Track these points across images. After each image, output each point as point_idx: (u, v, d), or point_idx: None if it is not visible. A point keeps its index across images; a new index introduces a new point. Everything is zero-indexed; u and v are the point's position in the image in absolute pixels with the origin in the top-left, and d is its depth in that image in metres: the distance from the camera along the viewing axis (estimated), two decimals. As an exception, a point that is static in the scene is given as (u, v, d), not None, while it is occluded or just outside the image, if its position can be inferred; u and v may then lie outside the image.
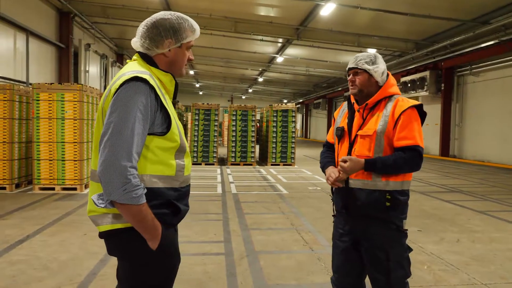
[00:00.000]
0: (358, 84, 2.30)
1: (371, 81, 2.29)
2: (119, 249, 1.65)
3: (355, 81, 2.31)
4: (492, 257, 4.38)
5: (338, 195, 2.38)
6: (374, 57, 2.30)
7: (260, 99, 45.08)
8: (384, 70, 2.31)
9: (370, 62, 2.28)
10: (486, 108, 16.25)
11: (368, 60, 2.28)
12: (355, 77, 2.31)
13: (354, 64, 2.31)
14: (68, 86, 7.74)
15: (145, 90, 1.53)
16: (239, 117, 13.67)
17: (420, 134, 2.19)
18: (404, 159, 2.14)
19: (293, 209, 6.66)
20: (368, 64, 2.27)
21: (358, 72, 2.30)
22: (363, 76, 2.29)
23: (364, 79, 2.29)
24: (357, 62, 2.30)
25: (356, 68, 2.30)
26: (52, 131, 7.67)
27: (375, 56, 2.31)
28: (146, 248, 1.58)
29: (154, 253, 1.60)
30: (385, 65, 2.33)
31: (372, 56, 2.30)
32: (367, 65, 2.27)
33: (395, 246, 2.23)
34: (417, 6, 13.14)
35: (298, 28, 16.37)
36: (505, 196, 8.29)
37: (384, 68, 2.31)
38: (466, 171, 12.96)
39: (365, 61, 2.28)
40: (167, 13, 1.71)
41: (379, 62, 2.30)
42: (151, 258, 1.61)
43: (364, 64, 2.28)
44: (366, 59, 2.28)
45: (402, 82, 19.91)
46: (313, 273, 3.83)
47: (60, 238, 4.78)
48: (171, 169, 1.62)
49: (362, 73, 2.29)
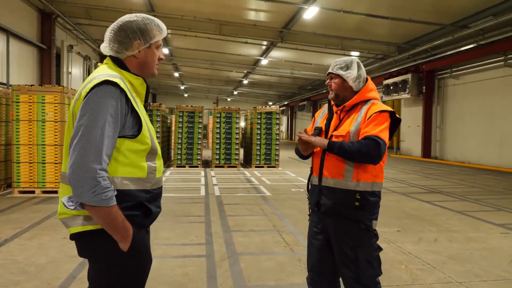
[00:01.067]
0: (334, 88, 2.39)
1: (345, 85, 2.37)
2: (90, 251, 1.65)
3: (331, 85, 2.40)
4: (468, 256, 4.49)
5: (312, 193, 2.45)
6: (350, 62, 2.36)
7: (246, 101, 45.15)
8: (359, 75, 2.36)
9: (345, 68, 2.35)
10: (466, 110, 16.59)
11: (343, 65, 2.36)
12: (331, 81, 2.40)
13: (330, 68, 2.40)
14: (49, 88, 7.65)
15: (115, 94, 1.55)
16: (223, 119, 13.68)
17: (385, 131, 2.23)
18: (361, 144, 2.17)
19: (276, 211, 6.70)
20: (342, 70, 2.35)
21: (333, 77, 2.40)
22: (338, 80, 2.38)
23: (338, 84, 2.37)
24: (332, 67, 2.39)
25: (331, 72, 2.40)
26: (32, 134, 7.56)
27: (352, 61, 2.37)
28: (116, 249, 1.59)
29: (125, 254, 1.61)
30: (362, 70, 2.39)
31: (348, 61, 2.37)
32: (341, 71, 2.35)
33: (364, 245, 2.29)
34: (399, 10, 13.36)
35: (282, 31, 16.47)
36: (483, 196, 8.48)
37: (357, 74, 2.36)
38: (447, 172, 13.19)
39: (339, 66, 2.36)
40: (132, 15, 1.73)
41: (353, 68, 2.35)
42: (121, 259, 1.62)
43: (338, 69, 2.36)
44: (341, 64, 2.37)
45: (384, 85, 20.20)
46: (293, 274, 3.87)
47: (39, 242, 4.72)
48: (142, 171, 1.64)
49: (336, 77, 2.38)
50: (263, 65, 24.22)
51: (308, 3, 12.77)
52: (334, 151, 2.23)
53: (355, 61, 2.39)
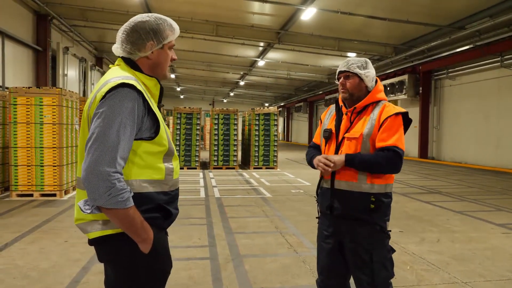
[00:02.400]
0: (349, 87, 2.34)
1: (361, 85, 2.34)
2: (110, 255, 1.63)
3: (346, 84, 2.35)
4: (471, 256, 4.49)
5: (323, 196, 2.41)
6: (365, 62, 2.34)
7: (242, 103, 45.11)
8: (374, 75, 2.36)
9: (362, 67, 2.32)
10: (462, 111, 16.66)
11: (360, 64, 2.33)
12: (346, 80, 2.35)
13: (346, 67, 2.34)
14: (46, 90, 7.59)
15: (132, 96, 1.52)
16: (221, 120, 13.65)
17: (401, 138, 2.23)
18: (382, 157, 2.17)
19: (277, 212, 6.68)
20: (360, 69, 2.32)
21: (349, 76, 2.34)
22: (354, 80, 2.33)
23: (354, 83, 2.33)
24: (349, 66, 2.33)
25: (348, 71, 2.34)
26: (30, 136, 7.50)
27: (366, 61, 2.35)
28: (138, 253, 1.57)
29: (146, 257, 1.59)
30: (374, 70, 2.38)
31: (363, 61, 2.35)
32: (359, 70, 2.32)
33: (379, 247, 2.27)
34: (396, 12, 13.40)
35: (279, 32, 16.46)
36: (482, 196, 8.51)
37: (374, 74, 2.36)
38: (445, 173, 13.23)
39: (357, 65, 2.32)
40: (144, 15, 1.70)
41: (370, 68, 2.35)
42: (143, 262, 1.59)
43: (356, 68, 2.32)
44: (358, 63, 2.33)
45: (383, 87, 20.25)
46: (298, 276, 3.85)
47: (39, 246, 4.67)
48: (160, 173, 1.62)
49: (354, 76, 2.33)
50: (259, 66, 24.20)
51: (306, 4, 12.77)
52: (355, 165, 2.21)
53: (369, 61, 2.37)
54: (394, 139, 2.19)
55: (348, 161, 2.22)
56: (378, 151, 2.22)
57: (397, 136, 2.20)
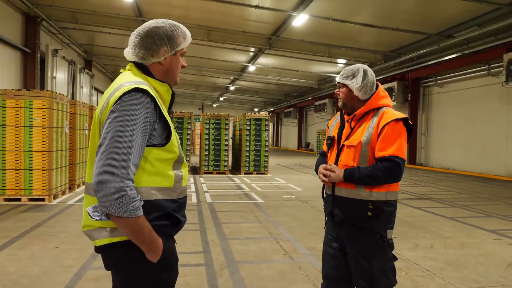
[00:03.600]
0: (341, 97, 2.40)
1: (351, 95, 2.36)
2: (117, 264, 1.59)
3: (339, 94, 2.41)
4: (465, 262, 4.52)
5: (326, 202, 2.44)
6: (356, 71, 2.34)
7: (232, 108, 45.08)
8: (364, 84, 2.32)
9: (350, 77, 2.34)
10: (450, 118, 16.89)
11: (349, 74, 2.35)
12: (339, 90, 2.41)
13: (339, 77, 2.41)
14: (36, 93, 7.47)
15: (145, 101, 1.49)
16: (212, 125, 13.61)
17: (401, 146, 2.20)
18: (380, 170, 2.15)
19: (270, 218, 6.66)
20: (347, 79, 2.35)
21: (340, 86, 2.41)
22: (344, 90, 2.38)
23: (345, 93, 2.38)
24: (340, 76, 2.40)
25: (339, 82, 2.41)
26: (19, 139, 7.36)
27: (358, 69, 2.34)
28: (145, 262, 1.53)
29: (154, 266, 1.55)
30: (369, 78, 2.33)
31: (355, 69, 2.34)
32: (346, 80, 2.35)
33: (379, 255, 2.26)
34: (386, 20, 13.55)
35: (270, 37, 16.52)
36: (472, 202, 8.60)
37: (362, 83, 2.31)
38: (433, 179, 13.37)
39: (346, 75, 2.36)
40: (159, 21, 1.68)
41: (358, 77, 2.32)
42: (150, 271, 1.56)
43: (344, 79, 2.37)
44: (348, 73, 2.36)
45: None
46: (294, 282, 3.83)
47: (30, 252, 4.57)
48: (169, 180, 1.59)
49: (343, 87, 2.39)
50: (250, 72, 24.24)
51: (298, 11, 12.84)
52: (354, 181, 2.21)
53: (361, 69, 2.33)
54: (394, 148, 2.17)
55: (346, 178, 2.23)
56: (377, 161, 2.20)
57: (397, 145, 2.18)
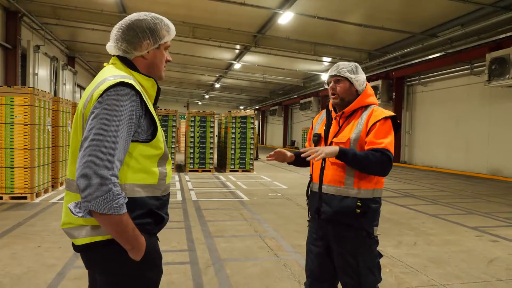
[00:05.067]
0: (339, 92, 2.34)
1: (351, 90, 2.34)
2: (99, 263, 1.56)
3: (336, 88, 2.34)
4: (447, 259, 4.59)
5: (312, 199, 2.41)
6: (355, 67, 2.35)
7: (217, 105, 44.92)
8: (364, 80, 2.36)
9: (352, 71, 2.33)
10: (433, 117, 17.13)
11: (350, 69, 2.33)
12: (336, 84, 2.34)
13: (336, 71, 2.34)
14: (18, 90, 7.32)
15: (130, 96, 1.46)
16: (197, 123, 13.54)
17: (391, 143, 2.23)
18: (374, 156, 2.14)
19: (255, 216, 6.66)
20: (350, 73, 2.32)
21: (339, 80, 2.34)
22: (344, 84, 2.33)
23: (345, 87, 2.33)
24: (339, 70, 2.33)
25: (338, 75, 2.33)
26: (0, 137, 7.20)
27: (356, 66, 2.37)
28: (128, 260, 1.51)
29: (137, 265, 1.53)
30: (364, 75, 2.38)
31: (353, 65, 2.36)
32: (350, 74, 2.32)
33: (365, 253, 2.28)
34: (370, 18, 13.65)
35: (256, 35, 16.49)
36: (454, 200, 8.74)
37: (364, 78, 2.36)
38: (417, 176, 13.55)
39: (347, 69, 2.33)
40: (141, 14, 1.66)
41: (360, 72, 2.36)
42: (133, 270, 1.54)
43: (346, 72, 2.32)
44: (348, 67, 2.33)
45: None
46: (280, 280, 3.83)
47: (11, 251, 4.48)
48: (153, 177, 1.57)
49: (344, 81, 2.33)
50: (235, 69, 24.17)
51: (283, 8, 12.84)
52: (347, 159, 2.16)
53: (359, 66, 2.38)
54: (385, 142, 2.18)
55: (341, 153, 2.15)
56: (370, 151, 2.19)
57: (388, 140, 2.20)
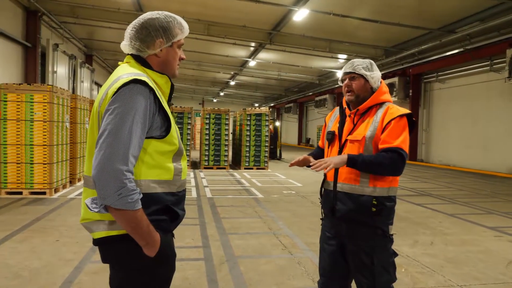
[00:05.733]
0: (355, 89, 2.32)
1: (366, 86, 2.32)
2: (114, 257, 1.59)
3: (351, 85, 2.33)
4: (465, 259, 4.52)
5: (326, 198, 2.39)
6: (370, 64, 2.34)
7: (232, 103, 45.02)
8: (379, 77, 2.35)
9: (367, 68, 2.31)
10: (451, 114, 16.85)
11: (365, 66, 2.32)
12: (352, 82, 2.33)
13: (351, 69, 2.33)
14: (37, 87, 7.46)
15: (144, 93, 1.49)
16: (212, 120, 13.60)
17: (405, 141, 2.21)
18: (385, 158, 2.13)
19: (270, 213, 6.66)
20: (365, 70, 2.31)
21: (355, 77, 2.33)
22: (359, 81, 2.32)
23: (360, 84, 2.32)
24: (354, 67, 2.32)
25: (353, 73, 2.32)
26: (20, 133, 7.37)
27: (371, 63, 2.35)
28: (142, 256, 1.53)
29: (151, 261, 1.55)
30: (379, 72, 2.37)
31: (368, 62, 2.34)
32: (365, 71, 2.31)
33: (381, 251, 2.26)
34: (387, 14, 13.49)
35: (271, 32, 16.46)
36: (472, 199, 8.60)
37: (379, 75, 2.35)
38: (434, 175, 13.36)
39: (362, 66, 2.31)
40: (154, 13, 1.68)
41: (375, 69, 2.34)
42: (147, 265, 1.56)
43: (362, 69, 2.31)
44: (363, 64, 2.32)
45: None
46: (293, 277, 3.83)
47: (30, 245, 4.58)
48: (168, 173, 1.59)
49: (359, 78, 2.32)
50: (250, 67, 24.19)
51: (299, 5, 12.79)
52: (357, 166, 2.17)
53: (373, 63, 2.37)
54: (399, 141, 2.16)
55: (350, 161, 2.16)
56: (381, 152, 2.18)
57: (402, 138, 2.18)
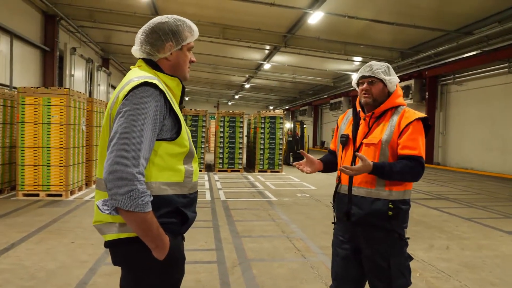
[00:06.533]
0: (374, 93, 2.31)
1: (384, 91, 2.32)
2: (124, 259, 1.61)
3: (370, 90, 2.31)
4: (482, 264, 4.43)
5: (340, 202, 2.37)
6: (387, 68, 2.33)
7: (247, 106, 45.11)
8: (397, 81, 2.34)
9: (386, 73, 2.30)
10: (468, 117, 16.57)
11: (384, 70, 2.31)
12: (370, 86, 2.31)
13: (371, 72, 2.30)
14: (54, 91, 7.60)
15: (155, 95, 1.50)
16: (227, 123, 13.64)
17: (423, 147, 2.22)
18: (409, 167, 2.15)
19: (283, 216, 6.64)
20: (384, 74, 2.30)
21: (373, 81, 2.31)
22: (378, 85, 2.31)
23: (379, 89, 2.31)
24: (373, 71, 2.30)
25: (373, 77, 2.30)
26: (38, 136, 7.51)
27: (388, 67, 2.34)
28: (152, 259, 1.54)
29: (160, 263, 1.56)
30: (396, 76, 2.37)
31: (385, 66, 2.33)
32: (384, 75, 2.29)
33: (397, 255, 2.24)
34: (402, 16, 13.36)
35: (285, 35, 16.46)
36: (490, 203, 8.43)
37: (397, 80, 2.33)
38: (451, 178, 13.15)
39: (381, 70, 2.30)
40: (163, 17, 1.70)
41: (393, 74, 2.33)
42: (156, 268, 1.57)
43: (381, 74, 2.29)
44: (381, 68, 2.30)
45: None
46: (306, 281, 3.81)
47: (46, 246, 4.66)
48: (179, 175, 1.60)
49: (378, 82, 2.31)
50: (265, 70, 24.20)
51: (313, 8, 12.76)
52: (384, 176, 2.17)
53: (390, 67, 2.36)
54: (419, 148, 2.19)
55: (376, 170, 2.14)
56: (402, 158, 2.18)
57: (420, 144, 2.20)
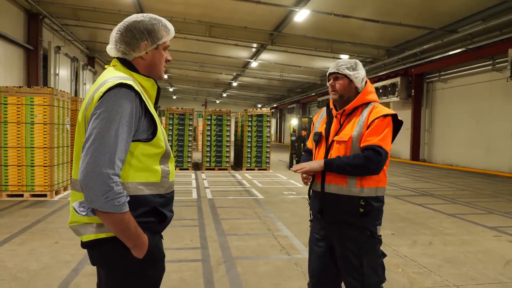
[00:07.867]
0: (338, 89, 2.33)
1: (350, 86, 2.33)
2: (103, 259, 1.60)
3: (335, 86, 2.34)
4: (464, 259, 4.51)
5: (314, 199, 2.40)
6: (354, 64, 2.35)
7: (235, 104, 45.09)
8: (364, 77, 2.35)
9: (351, 68, 2.32)
10: (453, 114, 16.79)
11: (349, 66, 2.33)
12: (336, 82, 2.34)
13: (335, 69, 2.34)
14: (38, 90, 7.50)
15: (130, 97, 1.50)
16: (214, 121, 13.61)
17: (385, 139, 2.19)
18: (361, 158, 2.14)
19: (269, 214, 6.66)
20: (349, 70, 2.32)
21: (338, 77, 2.34)
22: (343, 81, 2.33)
23: (344, 84, 2.33)
24: (338, 67, 2.33)
25: (337, 73, 2.34)
26: (21, 136, 7.40)
27: (356, 62, 2.36)
28: (130, 258, 1.54)
29: (139, 262, 1.56)
30: (364, 72, 2.38)
31: (352, 62, 2.35)
32: (348, 71, 2.31)
33: (369, 252, 2.25)
34: (388, 14, 13.47)
35: (272, 33, 16.48)
36: (474, 199, 8.56)
37: (364, 75, 2.35)
38: (436, 175, 13.32)
39: (346, 66, 2.32)
40: (139, 15, 1.69)
41: (359, 69, 2.34)
42: (135, 267, 1.57)
43: (345, 69, 2.31)
44: (347, 64, 2.33)
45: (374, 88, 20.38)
46: (290, 278, 3.83)
47: (29, 247, 4.60)
48: (156, 175, 1.60)
49: (343, 78, 2.33)
50: (252, 68, 24.21)
51: (299, 6, 12.79)
52: (333, 170, 2.21)
53: (359, 63, 2.38)
54: (378, 138, 2.17)
55: (326, 166, 2.22)
56: (361, 151, 2.20)
57: (382, 136, 2.18)
